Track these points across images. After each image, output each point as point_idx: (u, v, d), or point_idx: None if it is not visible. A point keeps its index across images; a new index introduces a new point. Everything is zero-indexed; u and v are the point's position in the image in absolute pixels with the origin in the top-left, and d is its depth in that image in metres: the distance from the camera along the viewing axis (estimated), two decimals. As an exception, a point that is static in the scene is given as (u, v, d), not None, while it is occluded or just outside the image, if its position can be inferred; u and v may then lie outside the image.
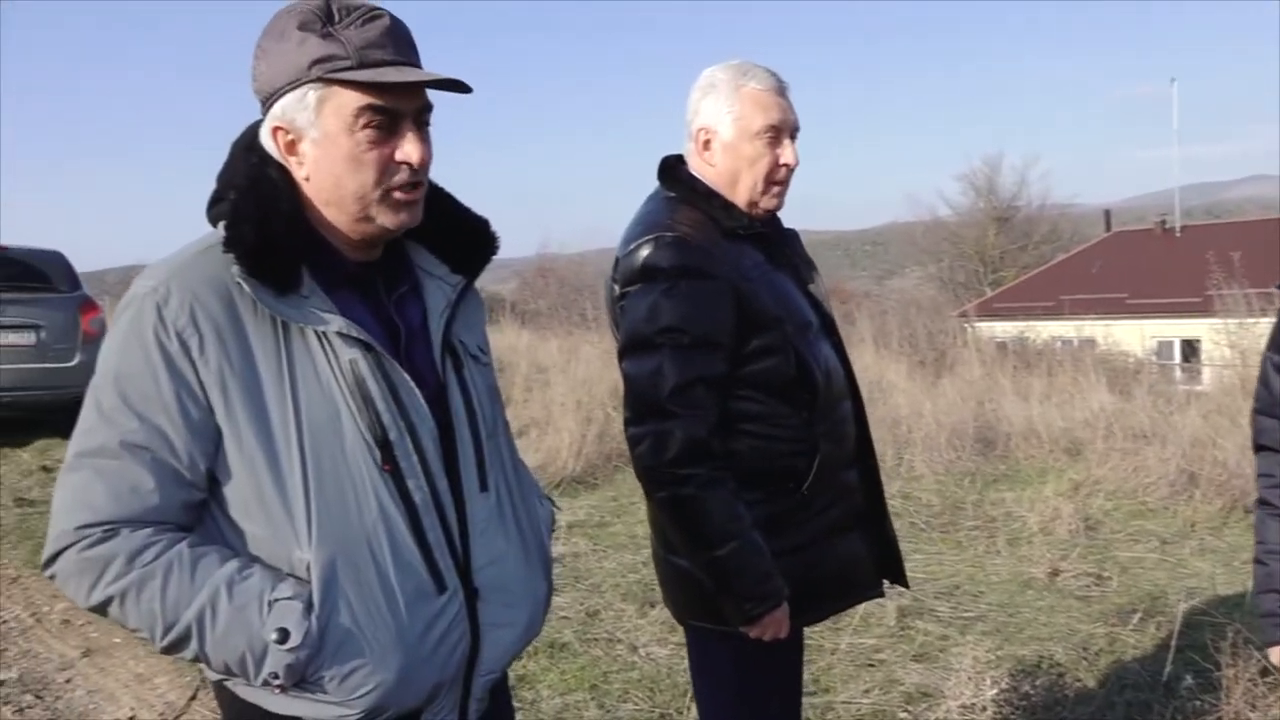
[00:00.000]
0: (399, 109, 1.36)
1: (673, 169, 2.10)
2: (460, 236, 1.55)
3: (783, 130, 2.01)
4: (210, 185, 1.45)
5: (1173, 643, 3.68)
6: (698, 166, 2.06)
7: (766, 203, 2.05)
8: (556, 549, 4.70)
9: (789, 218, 2.19)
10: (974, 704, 3.34)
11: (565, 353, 11.98)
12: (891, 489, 6.79)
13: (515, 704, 2.04)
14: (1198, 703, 3.32)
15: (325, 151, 1.36)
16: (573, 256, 30.28)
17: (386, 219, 1.39)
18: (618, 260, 2.01)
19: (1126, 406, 8.02)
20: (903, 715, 3.45)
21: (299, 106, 1.35)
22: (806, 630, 2.19)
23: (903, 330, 13.78)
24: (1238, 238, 24.95)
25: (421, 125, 1.40)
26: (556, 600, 4.08)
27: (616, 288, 2.01)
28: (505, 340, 13.03)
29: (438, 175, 1.49)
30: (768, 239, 2.07)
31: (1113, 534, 5.66)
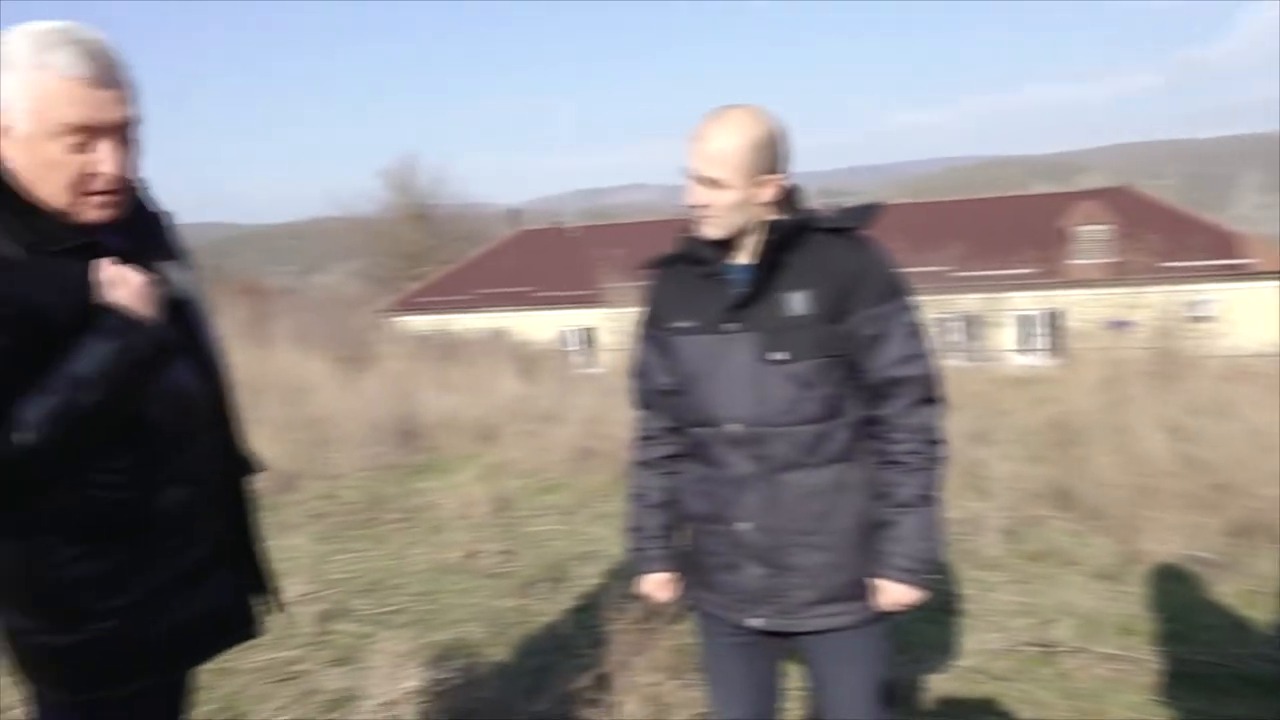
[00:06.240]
0: None
1: None
2: None
3: (98, 130, 1.58)
4: None
5: (570, 606, 4.01)
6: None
7: (89, 214, 1.62)
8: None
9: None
10: (393, 699, 3.32)
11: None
12: (313, 491, 6.61)
13: None
14: (587, 656, 3.65)
15: None
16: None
17: None
18: None
19: (533, 391, 8.67)
20: (322, 725, 3.33)
21: None
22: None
23: (324, 327, 13.57)
24: (623, 237, 28.51)
25: None
26: None
27: None
28: None
29: None
30: (106, 250, 1.61)
31: (521, 511, 6.07)
